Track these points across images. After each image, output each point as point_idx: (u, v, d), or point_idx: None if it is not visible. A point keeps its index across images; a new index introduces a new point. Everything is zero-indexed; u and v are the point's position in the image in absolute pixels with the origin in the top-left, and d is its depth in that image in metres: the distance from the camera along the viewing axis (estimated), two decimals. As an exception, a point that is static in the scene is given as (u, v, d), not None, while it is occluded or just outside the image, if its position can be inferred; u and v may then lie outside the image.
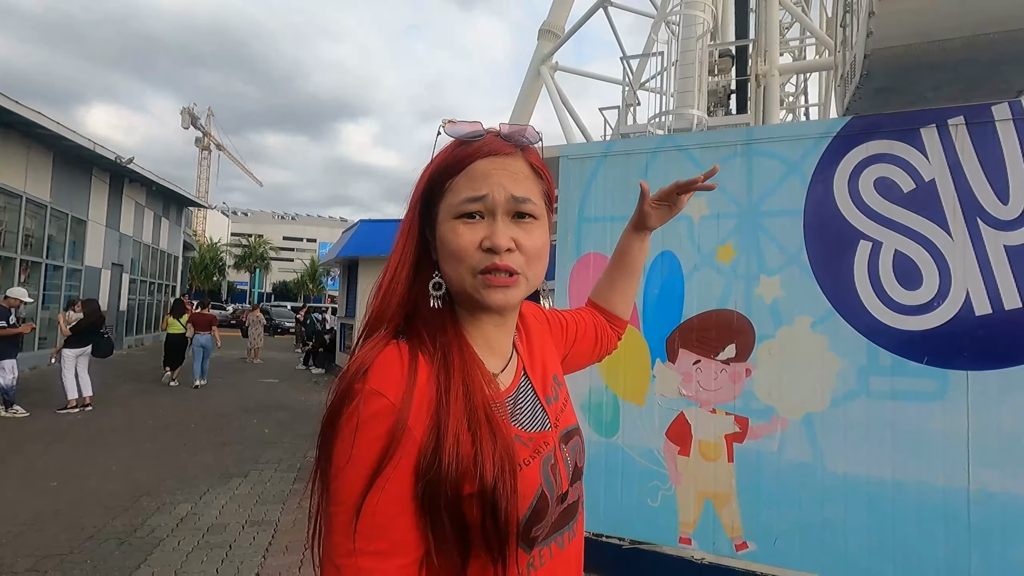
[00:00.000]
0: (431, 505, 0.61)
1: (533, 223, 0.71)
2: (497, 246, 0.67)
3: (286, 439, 6.48)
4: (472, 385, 0.67)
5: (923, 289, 2.36)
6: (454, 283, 0.71)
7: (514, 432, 0.71)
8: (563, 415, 0.81)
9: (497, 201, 0.68)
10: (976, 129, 2.31)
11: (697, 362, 2.77)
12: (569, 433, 0.81)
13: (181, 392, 9.31)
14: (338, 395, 0.65)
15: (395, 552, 0.60)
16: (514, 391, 0.76)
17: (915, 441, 2.32)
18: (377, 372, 0.64)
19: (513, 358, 0.80)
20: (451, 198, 0.70)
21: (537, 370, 0.82)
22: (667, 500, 2.79)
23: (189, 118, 59.53)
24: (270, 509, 4.26)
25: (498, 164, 0.70)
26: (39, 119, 9.83)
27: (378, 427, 0.61)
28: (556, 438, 0.76)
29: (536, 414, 0.77)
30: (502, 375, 0.76)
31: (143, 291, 17.42)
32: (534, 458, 0.70)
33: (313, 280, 50.32)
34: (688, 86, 7.14)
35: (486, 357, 0.75)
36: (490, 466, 0.62)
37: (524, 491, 0.66)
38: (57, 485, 4.60)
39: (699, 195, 2.92)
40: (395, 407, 0.62)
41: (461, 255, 0.68)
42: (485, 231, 0.68)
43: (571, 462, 0.78)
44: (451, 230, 0.69)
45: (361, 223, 12.79)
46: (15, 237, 10.31)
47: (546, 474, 0.71)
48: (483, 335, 0.75)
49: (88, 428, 6.60)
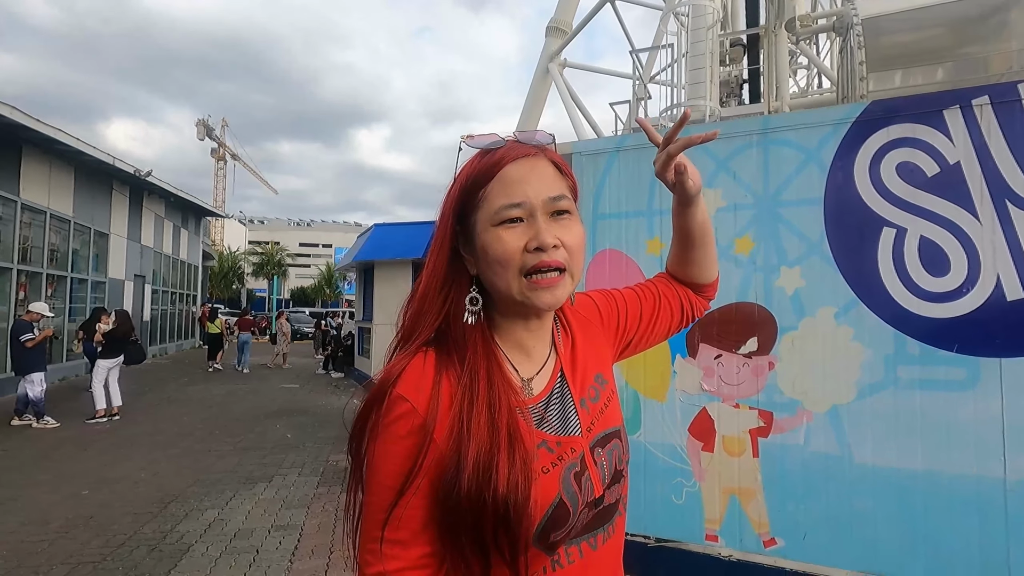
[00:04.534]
0: (451, 514, 0.64)
1: (569, 219, 0.73)
2: (545, 244, 0.68)
3: (308, 443, 6.54)
4: (498, 403, 0.68)
5: (951, 275, 2.29)
6: (500, 290, 0.72)
7: (540, 438, 0.72)
8: (602, 417, 0.80)
9: (535, 204, 0.70)
10: (1002, 108, 2.24)
11: (718, 356, 2.73)
12: (607, 436, 0.79)
13: (205, 398, 9.46)
14: (367, 401, 0.70)
15: (416, 542, 0.65)
16: (547, 395, 0.76)
17: (947, 431, 2.26)
18: (403, 379, 0.69)
19: (550, 360, 0.80)
20: (488, 207, 0.71)
21: (578, 370, 0.82)
22: (692, 497, 2.76)
23: (204, 129, 60.44)
24: (295, 514, 4.31)
25: (527, 167, 0.72)
26: (60, 136, 10.05)
27: (401, 429, 0.66)
28: (586, 444, 0.75)
29: (568, 419, 0.76)
30: (536, 379, 0.77)
31: (165, 301, 17.74)
32: (555, 466, 0.70)
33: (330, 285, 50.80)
34: (699, 77, 7.04)
35: (520, 362, 0.77)
36: (502, 486, 0.63)
37: (541, 500, 0.67)
38: (88, 492, 4.70)
39: (714, 186, 2.87)
40: (418, 412, 0.66)
41: (507, 259, 0.69)
42: (528, 233, 0.70)
43: (609, 466, 0.77)
44: (494, 238, 0.70)
45: (375, 227, 12.87)
46: (40, 252, 10.56)
47: (567, 482, 0.70)
48: (517, 341, 0.77)
49: (116, 436, 6.74)
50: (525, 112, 10.17)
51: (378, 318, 11.38)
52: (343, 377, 13.07)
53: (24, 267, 10.02)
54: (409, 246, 11.02)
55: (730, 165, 2.75)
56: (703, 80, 7.03)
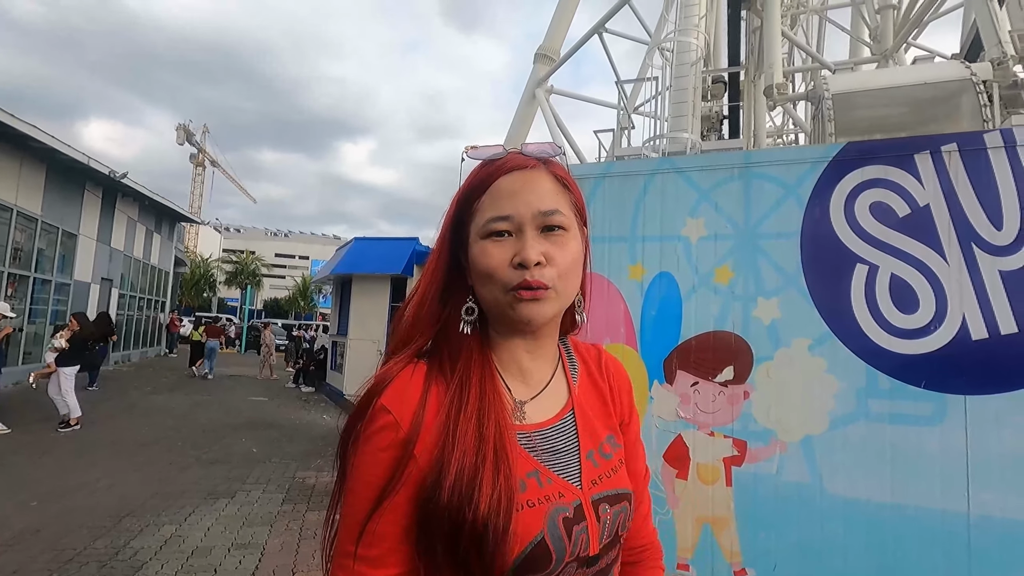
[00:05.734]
0: (427, 530, 0.63)
1: (564, 235, 0.70)
2: (527, 260, 0.66)
3: (275, 458, 6.36)
4: (486, 416, 0.66)
5: (920, 313, 2.37)
6: (488, 303, 0.71)
7: (533, 466, 0.68)
8: (613, 477, 0.74)
9: (524, 218, 0.68)
10: (969, 155, 2.35)
11: (695, 384, 2.76)
12: (619, 496, 0.73)
13: (170, 407, 9.15)
14: (354, 410, 0.69)
15: (387, 562, 0.63)
16: (550, 427, 0.73)
17: (915, 464, 2.31)
18: (389, 389, 0.67)
19: (559, 393, 0.76)
20: (479, 218, 0.71)
21: (591, 421, 0.77)
22: (664, 524, 2.75)
23: (185, 134, 59.58)
24: (257, 532, 4.16)
25: (522, 180, 0.71)
26: (33, 132, 9.80)
27: (382, 440, 0.64)
28: (587, 496, 0.70)
29: (566, 462, 0.71)
30: (530, 404, 0.73)
31: (132, 306, 17.23)
32: (542, 503, 0.66)
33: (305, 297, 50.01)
34: (682, 111, 7.25)
35: (515, 384, 0.74)
36: (484, 505, 0.61)
37: (521, 533, 0.63)
38: (39, 504, 4.48)
39: (696, 216, 2.94)
40: (401, 425, 0.65)
41: (492, 273, 0.68)
42: (515, 248, 0.68)
43: (610, 527, 0.71)
44: (481, 250, 0.69)
45: (355, 240, 12.77)
46: (3, 250, 10.19)
47: (553, 524, 0.65)
48: (515, 361, 0.74)
49: (74, 444, 6.46)
50: (511, 135, 10.30)
51: (353, 332, 11.22)
52: (313, 392, 12.80)
53: (-15, 265, 9.66)
54: (389, 261, 10.96)
55: (712, 196, 2.82)
56: (685, 113, 7.24)
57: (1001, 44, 5.03)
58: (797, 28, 12.62)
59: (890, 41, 9.53)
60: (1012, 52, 4.91)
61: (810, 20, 12.68)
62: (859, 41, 11.45)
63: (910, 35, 9.33)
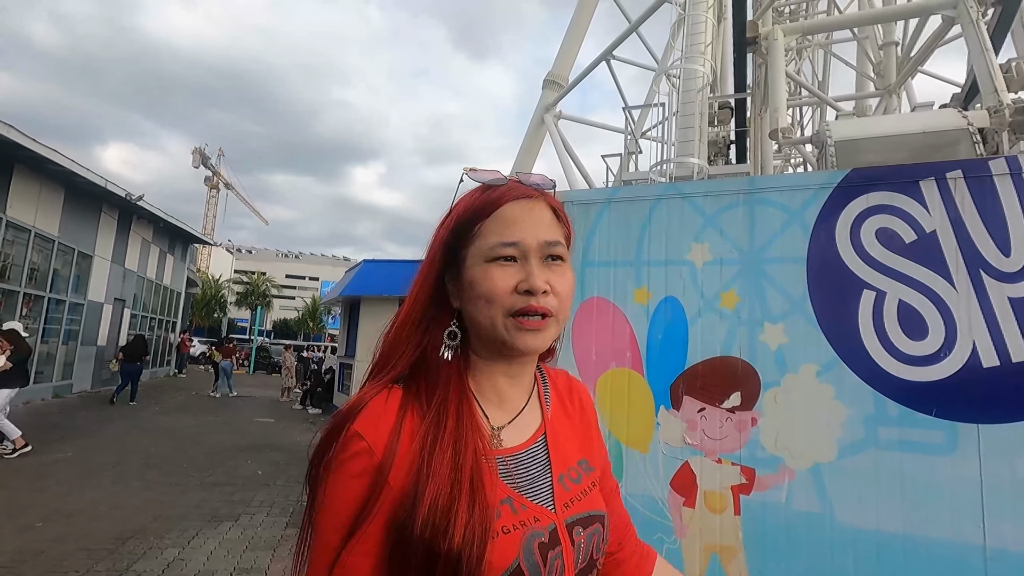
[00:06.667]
0: (401, 561, 0.61)
1: (562, 265, 0.73)
2: (535, 287, 0.68)
3: (280, 481, 6.33)
4: (464, 446, 0.65)
5: (929, 340, 2.35)
6: (483, 326, 0.70)
7: (506, 493, 0.68)
8: (584, 499, 0.75)
9: (530, 246, 0.70)
10: (974, 182, 2.35)
11: (702, 410, 2.73)
12: (591, 518, 0.74)
13: (176, 429, 9.15)
14: (325, 435, 0.68)
15: None
16: (521, 452, 0.73)
17: (926, 494, 2.26)
18: (364, 415, 0.66)
19: (529, 416, 0.77)
20: (482, 242, 0.71)
21: (563, 444, 0.78)
22: (672, 553, 2.69)
23: (200, 158, 60.88)
24: (260, 556, 4.12)
25: (526, 208, 0.72)
26: (53, 155, 10.05)
27: (354, 467, 0.63)
28: (561, 520, 0.71)
29: (539, 486, 0.72)
30: (507, 429, 0.74)
31: (144, 326, 17.38)
32: (517, 529, 0.66)
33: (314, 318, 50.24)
34: (688, 136, 7.32)
35: (492, 410, 0.74)
36: (459, 535, 0.60)
37: (496, 561, 0.63)
38: (41, 524, 4.47)
39: (702, 240, 2.95)
40: (374, 452, 0.63)
41: (494, 297, 0.68)
42: (519, 274, 0.69)
43: (585, 551, 0.72)
44: (484, 273, 0.70)
45: (364, 263, 12.87)
46: (20, 270, 10.37)
47: (528, 550, 0.65)
48: (494, 386, 0.74)
49: (78, 466, 6.46)
50: (519, 159, 10.42)
51: (361, 354, 11.24)
52: (320, 413, 12.76)
53: (1, 285, 9.82)
54: (397, 283, 11.00)
55: (718, 221, 2.83)
56: (692, 139, 7.30)
57: (998, 92, 5.19)
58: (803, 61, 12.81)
59: (893, 77, 9.64)
60: (1008, 101, 5.07)
61: (815, 53, 12.83)
62: (863, 76, 11.58)
63: (913, 72, 9.46)
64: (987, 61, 5.41)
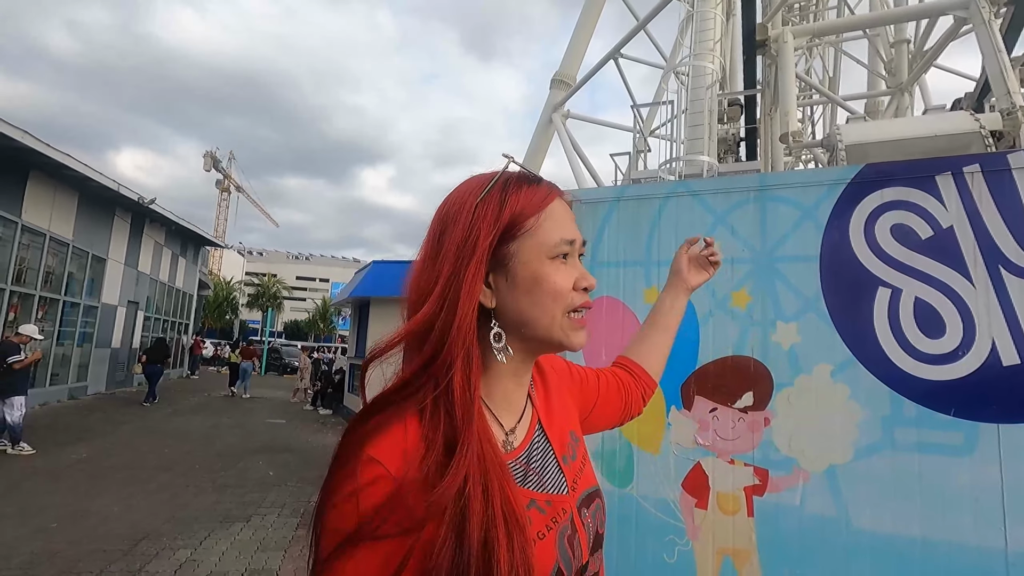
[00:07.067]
0: None
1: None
2: (593, 285, 0.70)
3: (291, 482, 6.35)
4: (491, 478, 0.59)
5: (946, 338, 2.29)
6: (540, 325, 0.67)
7: (528, 497, 0.66)
8: (582, 475, 0.76)
9: (577, 245, 0.72)
10: (992, 176, 2.30)
11: (714, 410, 2.70)
12: (590, 496, 0.75)
13: (188, 431, 9.23)
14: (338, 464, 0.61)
15: None
16: (527, 447, 0.71)
17: (945, 497, 2.21)
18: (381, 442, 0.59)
19: (527, 411, 0.75)
20: (542, 238, 0.67)
21: (555, 425, 0.78)
22: (684, 556, 2.66)
23: (211, 161, 61.45)
24: (271, 557, 4.14)
25: (564, 207, 0.73)
26: (67, 161, 10.18)
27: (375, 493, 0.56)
28: (574, 504, 0.71)
29: (553, 476, 0.71)
30: (516, 429, 0.72)
31: (157, 328, 17.57)
32: (550, 530, 0.65)
33: (324, 320, 50.56)
34: (698, 133, 7.26)
35: (502, 413, 0.71)
36: (505, 573, 0.55)
37: (539, 570, 0.60)
38: (56, 526, 4.51)
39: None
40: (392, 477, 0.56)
41: (560, 295, 0.67)
42: (574, 272, 0.70)
43: (592, 529, 0.72)
44: (550, 269, 0.68)
45: (374, 264, 12.91)
46: (35, 274, 10.52)
47: (563, 548, 0.65)
48: (502, 391, 0.71)
49: (91, 468, 6.53)
50: (528, 159, 10.40)
51: (371, 355, 11.25)
52: (331, 414, 12.82)
53: (17, 288, 9.96)
54: (406, 284, 11.03)
55: (728, 219, 2.79)
56: (701, 136, 7.24)
57: (1010, 94, 5.10)
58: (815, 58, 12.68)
59: (905, 75, 9.51)
60: (1021, 103, 4.98)
61: (826, 50, 12.68)
62: (875, 74, 11.44)
63: (925, 69, 9.33)
64: (999, 62, 5.33)
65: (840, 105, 10.87)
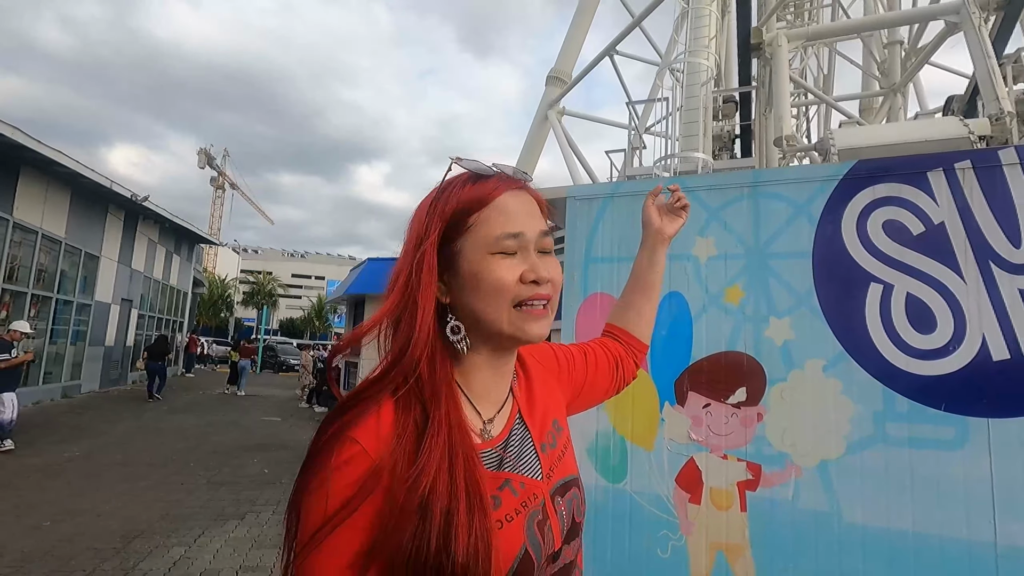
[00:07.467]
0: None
1: (551, 256, 0.73)
2: (542, 278, 0.68)
3: (286, 479, 6.34)
4: (456, 454, 0.62)
5: (937, 333, 2.31)
6: (488, 319, 0.68)
7: (504, 478, 0.68)
8: (560, 464, 0.77)
9: (529, 237, 0.70)
10: (984, 173, 2.31)
11: (707, 405, 2.71)
12: (566, 484, 0.76)
13: (183, 428, 9.20)
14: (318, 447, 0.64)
15: None
16: (506, 437, 0.73)
17: (936, 491, 2.23)
18: (359, 425, 0.63)
19: (508, 403, 0.77)
20: (483, 233, 0.68)
21: (536, 415, 0.79)
22: (677, 551, 2.67)
23: (205, 158, 61.07)
24: (266, 554, 4.13)
25: (521, 200, 0.72)
26: (58, 157, 10.11)
27: (350, 473, 0.59)
28: (547, 491, 0.72)
29: (529, 462, 0.73)
30: (496, 419, 0.74)
31: (151, 326, 17.49)
32: (519, 513, 0.67)
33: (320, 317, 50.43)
34: (693, 130, 7.26)
35: (481, 404, 0.73)
36: (462, 550, 0.58)
37: (505, 551, 0.63)
38: (49, 524, 4.49)
39: (706, 236, 2.91)
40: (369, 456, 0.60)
41: (503, 289, 0.67)
42: (522, 265, 0.69)
43: (567, 517, 0.73)
44: (493, 265, 0.68)
45: (369, 261, 12.89)
46: (28, 272, 10.45)
47: (531, 532, 0.66)
48: (481, 381, 0.73)
49: (86, 465, 6.50)
50: (523, 157, 10.39)
51: (366, 352, 11.22)
52: (327, 411, 12.80)
53: (9, 286, 9.89)
54: (401, 282, 11.01)
55: (722, 215, 2.79)
56: (696, 133, 7.25)
57: (999, 100, 5.15)
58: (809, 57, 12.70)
59: (898, 76, 9.55)
60: (1009, 109, 5.03)
61: (820, 50, 12.71)
62: (869, 75, 11.48)
63: (918, 70, 9.38)
64: (988, 67, 5.37)
65: (834, 107, 10.91)
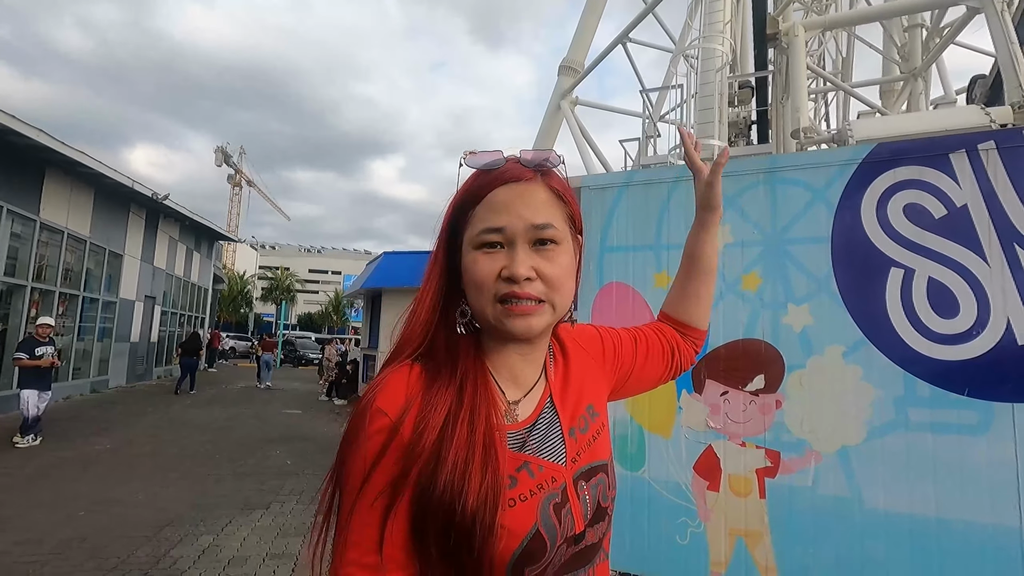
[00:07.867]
0: (421, 528, 0.62)
1: (555, 249, 0.70)
2: (516, 275, 0.67)
3: (308, 470, 6.47)
4: (478, 416, 0.67)
5: (960, 317, 2.28)
6: (477, 312, 0.72)
7: (523, 459, 0.70)
8: (589, 449, 0.78)
9: (516, 231, 0.69)
10: (1008, 153, 2.26)
11: (725, 393, 2.70)
12: (593, 469, 0.77)
13: (208, 421, 9.40)
14: (352, 415, 0.69)
15: (386, 568, 0.62)
16: (534, 421, 0.74)
17: (960, 476, 2.21)
18: (384, 392, 0.67)
19: (539, 386, 0.78)
20: (472, 228, 0.71)
21: (569, 399, 0.80)
22: (696, 538, 2.68)
23: (222, 156, 61.82)
24: (291, 542, 4.23)
25: (516, 192, 0.70)
26: (82, 158, 10.32)
27: (378, 442, 0.64)
28: (570, 475, 0.73)
29: (553, 446, 0.74)
30: (523, 403, 0.75)
31: (173, 323, 17.84)
32: (534, 494, 0.68)
33: (337, 312, 50.98)
34: (708, 117, 7.17)
35: (507, 387, 0.75)
36: (472, 499, 0.62)
37: (517, 529, 0.65)
38: (84, 514, 4.65)
39: (723, 223, 2.90)
40: (396, 427, 0.65)
41: (481, 285, 0.69)
42: (505, 260, 0.69)
43: (592, 501, 0.74)
44: (472, 260, 0.70)
45: (385, 255, 13.00)
46: (55, 271, 10.72)
47: (545, 513, 0.68)
48: (507, 365, 0.75)
49: (117, 457, 6.70)
50: (536, 147, 10.32)
51: (384, 345, 11.37)
52: (346, 404, 12.97)
53: (38, 285, 10.16)
54: (418, 274, 10.98)
55: (739, 202, 2.77)
56: (712, 120, 7.15)
57: (1022, 87, 4.96)
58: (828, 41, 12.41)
59: (919, 60, 9.29)
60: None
61: (839, 34, 12.43)
62: (889, 59, 11.19)
63: (939, 53, 9.09)
64: (1011, 53, 5.18)
65: (852, 95, 10.66)
